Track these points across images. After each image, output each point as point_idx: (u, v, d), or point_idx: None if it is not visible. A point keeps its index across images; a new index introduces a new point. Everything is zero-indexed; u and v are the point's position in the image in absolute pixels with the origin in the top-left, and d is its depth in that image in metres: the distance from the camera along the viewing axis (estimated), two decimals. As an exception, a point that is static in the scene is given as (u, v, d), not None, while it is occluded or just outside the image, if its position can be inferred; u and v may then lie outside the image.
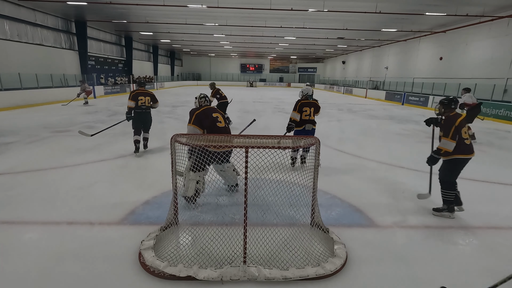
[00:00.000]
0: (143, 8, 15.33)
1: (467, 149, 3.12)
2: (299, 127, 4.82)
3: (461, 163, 3.16)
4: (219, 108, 7.90)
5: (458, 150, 3.07)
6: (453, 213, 3.27)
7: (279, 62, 46.34)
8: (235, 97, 15.58)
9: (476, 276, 2.33)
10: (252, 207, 2.95)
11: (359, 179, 4.47)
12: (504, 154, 6.44)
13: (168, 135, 7.31)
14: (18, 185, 3.98)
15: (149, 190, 3.83)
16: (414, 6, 13.54)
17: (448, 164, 3.21)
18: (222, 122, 3.49)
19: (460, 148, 3.07)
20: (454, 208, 3.27)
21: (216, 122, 3.43)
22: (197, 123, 3.38)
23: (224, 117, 3.64)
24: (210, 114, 3.45)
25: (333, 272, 2.25)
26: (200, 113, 3.43)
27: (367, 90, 24.64)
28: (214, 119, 3.43)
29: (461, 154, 3.11)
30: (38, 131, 7.52)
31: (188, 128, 3.43)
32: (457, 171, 3.20)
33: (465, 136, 3.10)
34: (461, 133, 3.06)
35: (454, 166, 3.18)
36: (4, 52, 13.68)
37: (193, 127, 3.37)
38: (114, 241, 2.68)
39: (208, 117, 3.42)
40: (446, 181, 3.24)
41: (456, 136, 3.01)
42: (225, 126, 3.49)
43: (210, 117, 3.42)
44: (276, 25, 18.83)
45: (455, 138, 3.01)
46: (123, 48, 26.16)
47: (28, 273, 2.22)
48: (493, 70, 14.51)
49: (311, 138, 2.78)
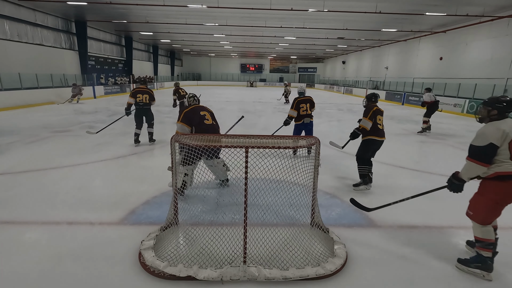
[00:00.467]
0: (143, 8, 15.33)
1: (379, 133, 3.92)
2: (299, 121, 5.50)
3: (373, 143, 3.96)
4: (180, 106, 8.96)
5: (372, 132, 3.90)
6: (368, 185, 4.02)
7: (279, 62, 46.35)
8: (235, 97, 15.57)
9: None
10: (252, 207, 2.94)
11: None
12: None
13: (168, 135, 7.31)
14: (18, 185, 3.98)
15: (149, 190, 3.83)
16: (414, 6, 13.54)
17: (364, 143, 4.01)
18: (210, 119, 3.68)
19: (374, 131, 3.89)
20: (368, 181, 4.01)
21: (204, 119, 3.63)
22: (186, 121, 3.58)
23: (213, 114, 3.83)
24: (198, 112, 3.66)
25: (333, 272, 2.24)
26: (188, 112, 3.63)
27: (367, 90, 24.64)
28: (202, 117, 3.63)
29: (374, 136, 3.92)
30: (38, 131, 7.52)
31: (177, 125, 3.62)
32: (370, 150, 4.01)
33: (379, 122, 3.92)
34: (376, 119, 3.87)
35: (367, 145, 3.98)
36: (4, 52, 13.68)
37: (181, 124, 3.57)
38: (114, 241, 2.68)
39: (196, 115, 3.62)
40: (361, 158, 4.04)
41: (372, 118, 3.84)
42: (213, 123, 3.69)
43: (198, 115, 3.63)
44: (276, 25, 18.83)
45: (371, 119, 3.84)
46: (123, 48, 26.16)
47: (28, 273, 2.22)
48: (493, 70, 14.51)
49: (311, 138, 2.78)
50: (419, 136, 8.11)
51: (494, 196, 2.21)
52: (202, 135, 3.00)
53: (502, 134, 2.13)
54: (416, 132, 8.65)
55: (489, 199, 2.24)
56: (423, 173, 4.87)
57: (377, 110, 3.90)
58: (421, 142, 7.42)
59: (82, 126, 8.35)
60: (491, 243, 2.27)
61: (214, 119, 3.78)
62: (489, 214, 2.27)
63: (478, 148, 2.23)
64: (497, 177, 2.18)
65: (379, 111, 3.93)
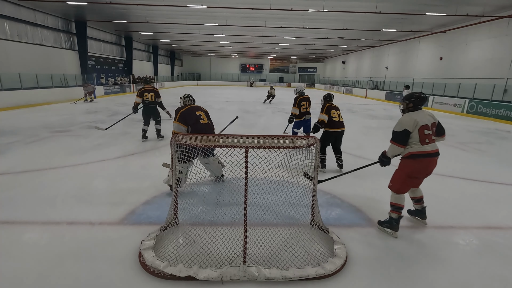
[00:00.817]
0: (143, 8, 15.33)
1: (335, 125, 4.61)
2: (300, 119, 5.86)
3: (330, 134, 4.69)
4: None
5: (328, 125, 4.63)
6: (323, 168, 4.81)
7: (279, 62, 46.35)
8: (235, 97, 15.57)
9: (476, 276, 2.33)
10: (252, 207, 2.95)
11: (359, 179, 4.47)
12: (504, 154, 6.44)
13: (168, 135, 7.32)
14: (18, 185, 3.98)
15: (149, 190, 3.83)
16: (414, 6, 13.54)
17: (323, 134, 4.75)
18: (205, 119, 3.77)
19: (330, 124, 4.61)
20: (324, 165, 4.83)
21: (199, 119, 3.71)
22: (182, 121, 3.66)
23: (208, 114, 3.92)
24: (193, 112, 3.75)
25: (333, 272, 2.25)
26: (184, 111, 3.72)
27: (367, 90, 24.64)
28: (197, 116, 3.72)
29: (330, 128, 4.64)
30: (38, 131, 7.52)
31: (174, 125, 3.71)
32: (328, 140, 4.74)
33: (334, 116, 4.60)
34: (330, 113, 4.59)
35: (325, 136, 4.73)
36: (4, 52, 13.68)
37: (178, 124, 3.66)
38: (114, 241, 2.68)
39: (191, 114, 3.71)
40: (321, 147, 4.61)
41: (327, 112, 4.58)
42: (208, 122, 3.77)
43: (193, 114, 3.72)
44: (276, 25, 18.83)
45: (326, 113, 4.57)
46: (123, 48, 26.17)
47: (28, 273, 2.22)
48: (493, 70, 14.51)
49: (311, 138, 2.78)
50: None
51: (407, 171, 2.82)
52: (200, 135, 3.00)
53: (414, 122, 2.73)
54: None
55: (404, 173, 2.84)
56: (423, 173, 4.86)
57: (329, 106, 4.65)
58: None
59: (82, 126, 8.36)
60: (400, 207, 2.88)
61: (209, 118, 3.89)
62: (403, 185, 2.87)
63: (396, 133, 2.81)
64: (410, 156, 2.78)
65: (332, 107, 4.65)
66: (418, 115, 2.79)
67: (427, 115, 2.83)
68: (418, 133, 2.72)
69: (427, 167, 2.81)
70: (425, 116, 2.80)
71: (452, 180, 4.56)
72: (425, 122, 2.75)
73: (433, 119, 2.83)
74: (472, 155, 6.27)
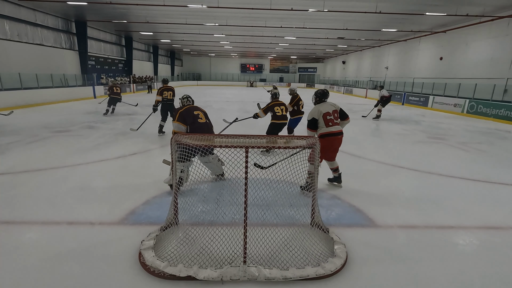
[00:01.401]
0: (143, 8, 15.33)
1: (278, 118, 5.57)
2: (297, 115, 6.38)
3: (275, 126, 5.62)
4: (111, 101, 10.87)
5: (273, 118, 5.62)
6: (268, 153, 5.23)
7: (279, 62, 46.34)
8: (236, 97, 15.56)
9: (476, 276, 2.33)
10: (252, 207, 2.95)
11: (359, 179, 4.47)
12: (504, 154, 6.44)
13: (168, 135, 7.32)
14: (18, 185, 3.98)
15: (149, 190, 3.83)
16: (414, 6, 13.54)
17: (269, 126, 5.70)
18: (203, 118, 3.89)
19: (274, 117, 5.59)
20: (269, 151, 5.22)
21: (197, 118, 3.82)
22: (181, 120, 3.78)
23: (206, 114, 4.05)
24: (191, 111, 3.87)
25: (333, 272, 2.24)
26: (183, 111, 3.84)
27: (367, 90, 24.64)
28: (196, 116, 3.83)
29: (274, 120, 5.61)
30: (38, 131, 7.52)
31: (173, 125, 3.84)
32: (274, 131, 5.63)
33: (277, 111, 5.55)
34: (273, 109, 5.55)
35: (272, 127, 5.65)
36: (4, 52, 13.69)
37: (177, 123, 3.78)
38: (114, 241, 2.68)
39: (190, 114, 3.83)
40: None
41: (267, 111, 5.61)
42: (206, 121, 3.89)
43: (192, 114, 3.84)
44: (276, 25, 18.83)
45: (265, 111, 5.60)
46: (123, 48, 26.16)
47: (28, 273, 2.22)
48: (493, 70, 14.51)
49: (311, 138, 2.78)
50: (419, 136, 8.11)
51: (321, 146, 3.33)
52: (199, 135, 3.00)
53: (318, 112, 3.76)
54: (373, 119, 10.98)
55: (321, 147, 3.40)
56: (423, 173, 4.87)
57: (273, 104, 5.59)
58: (421, 142, 7.42)
59: (82, 126, 8.36)
60: (336, 169, 3.99)
61: (207, 118, 3.99)
62: (322, 155, 3.75)
63: (308, 121, 3.81)
64: (320, 136, 3.74)
65: (276, 104, 5.61)
66: (322, 106, 3.81)
67: (329, 105, 3.84)
68: (322, 119, 3.73)
69: (333, 142, 3.77)
70: (328, 106, 3.81)
71: (452, 180, 4.56)
72: (327, 110, 3.76)
73: (334, 107, 3.83)
74: (472, 155, 6.26)
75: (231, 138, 2.72)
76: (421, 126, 10.00)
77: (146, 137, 7.11)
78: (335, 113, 3.78)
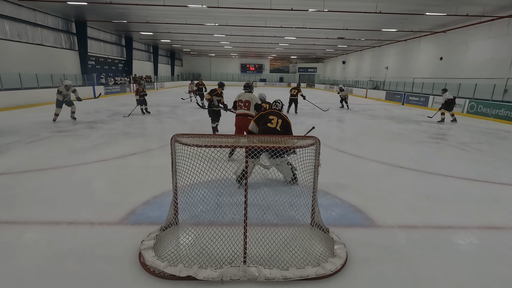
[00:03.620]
0: (143, 8, 15.33)
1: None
2: None
3: None
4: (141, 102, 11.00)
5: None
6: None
7: (279, 62, 46.33)
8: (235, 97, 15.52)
9: (476, 276, 2.33)
10: (252, 207, 2.95)
11: (359, 179, 4.47)
12: (504, 154, 6.44)
13: (168, 135, 7.32)
14: (18, 185, 3.98)
15: (149, 190, 3.82)
16: (414, 6, 13.54)
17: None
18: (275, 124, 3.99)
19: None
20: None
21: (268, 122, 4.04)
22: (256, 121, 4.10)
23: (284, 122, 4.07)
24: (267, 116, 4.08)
25: (333, 272, 2.24)
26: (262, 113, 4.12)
27: (367, 90, 24.64)
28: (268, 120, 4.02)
29: None
30: (38, 131, 7.52)
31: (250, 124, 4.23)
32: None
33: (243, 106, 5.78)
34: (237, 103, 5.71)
35: None
36: (4, 52, 13.69)
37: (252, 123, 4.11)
38: (114, 241, 2.68)
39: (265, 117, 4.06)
40: None
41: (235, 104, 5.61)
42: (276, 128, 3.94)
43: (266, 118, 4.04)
44: (276, 25, 18.83)
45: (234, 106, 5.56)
46: (123, 48, 26.16)
47: (28, 273, 2.22)
48: (493, 70, 14.51)
49: (311, 138, 2.78)
50: (419, 136, 8.12)
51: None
52: (202, 135, 3.00)
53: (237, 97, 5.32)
54: None
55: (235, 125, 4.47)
56: (423, 173, 4.87)
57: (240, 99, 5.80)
58: (421, 142, 7.41)
59: (82, 126, 8.36)
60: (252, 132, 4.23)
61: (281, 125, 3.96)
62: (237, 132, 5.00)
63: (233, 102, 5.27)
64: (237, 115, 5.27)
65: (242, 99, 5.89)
66: (243, 95, 5.29)
67: (246, 95, 5.25)
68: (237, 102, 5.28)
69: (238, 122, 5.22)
70: (244, 96, 5.25)
71: (452, 180, 4.56)
72: (240, 98, 5.27)
73: (248, 98, 5.20)
74: (472, 155, 6.26)
75: (231, 138, 2.71)
76: (421, 126, 10.00)
77: (146, 137, 7.11)
78: (247, 102, 5.15)
